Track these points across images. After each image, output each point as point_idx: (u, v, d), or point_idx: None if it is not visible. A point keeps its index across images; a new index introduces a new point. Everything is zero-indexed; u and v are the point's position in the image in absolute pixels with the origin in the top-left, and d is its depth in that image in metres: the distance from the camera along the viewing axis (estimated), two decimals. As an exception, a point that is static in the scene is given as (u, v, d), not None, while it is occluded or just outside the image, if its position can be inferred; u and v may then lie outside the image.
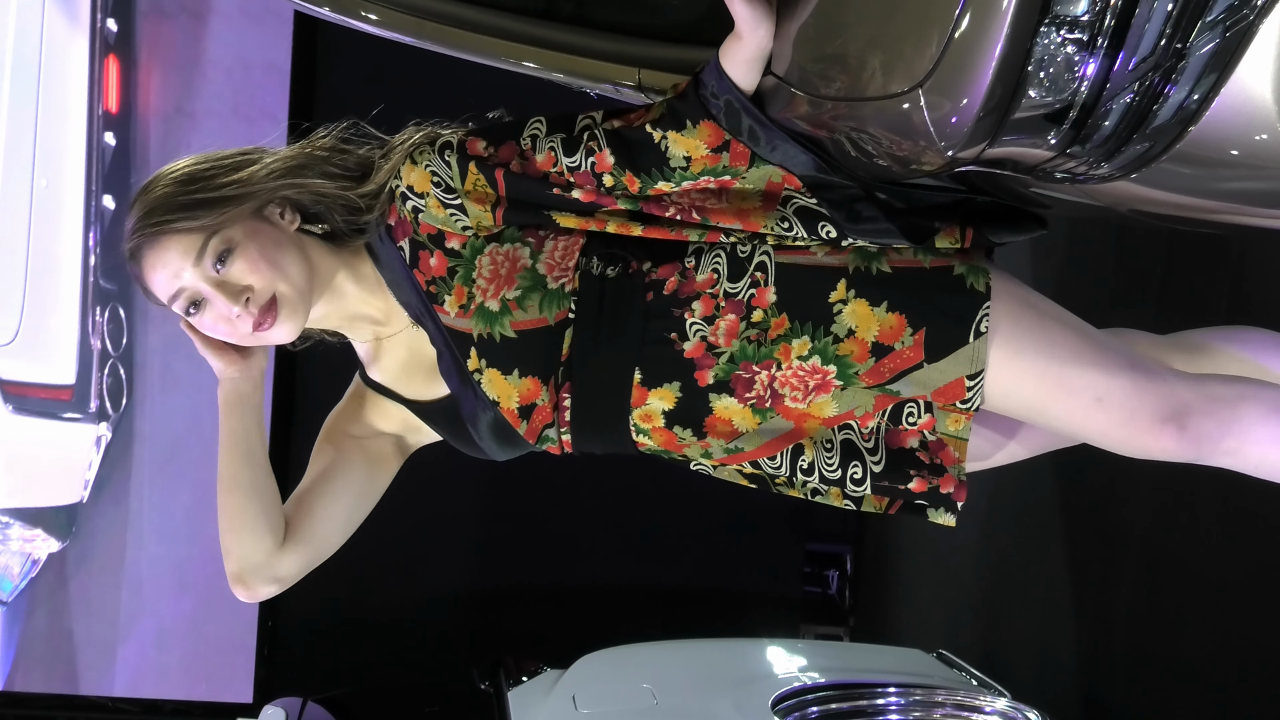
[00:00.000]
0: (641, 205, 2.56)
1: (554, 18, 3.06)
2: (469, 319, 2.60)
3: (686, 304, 2.57)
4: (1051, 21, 2.02)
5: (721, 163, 2.52)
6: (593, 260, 2.59)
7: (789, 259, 2.56)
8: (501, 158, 2.56)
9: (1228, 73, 2.03)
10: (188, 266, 2.54)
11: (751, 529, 7.26)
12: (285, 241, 2.59)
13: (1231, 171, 2.13)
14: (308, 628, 7.32)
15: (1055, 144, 2.12)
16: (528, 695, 4.82)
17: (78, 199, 6.91)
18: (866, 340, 2.55)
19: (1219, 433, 2.56)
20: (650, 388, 2.61)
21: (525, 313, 2.58)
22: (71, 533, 7.11)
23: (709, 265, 2.57)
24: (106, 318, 6.99)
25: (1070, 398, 2.55)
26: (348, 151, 2.68)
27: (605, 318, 2.58)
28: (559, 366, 2.61)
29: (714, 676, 4.77)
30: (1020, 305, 2.57)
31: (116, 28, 6.91)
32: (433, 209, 2.58)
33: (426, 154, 2.58)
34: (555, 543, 7.36)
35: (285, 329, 2.58)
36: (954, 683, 4.70)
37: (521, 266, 2.59)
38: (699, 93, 2.51)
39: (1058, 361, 2.54)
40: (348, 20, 3.27)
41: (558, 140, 2.56)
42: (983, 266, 2.55)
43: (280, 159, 2.62)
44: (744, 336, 2.57)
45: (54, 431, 7.07)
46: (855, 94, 2.26)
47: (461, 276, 2.60)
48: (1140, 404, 2.54)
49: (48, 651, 7.20)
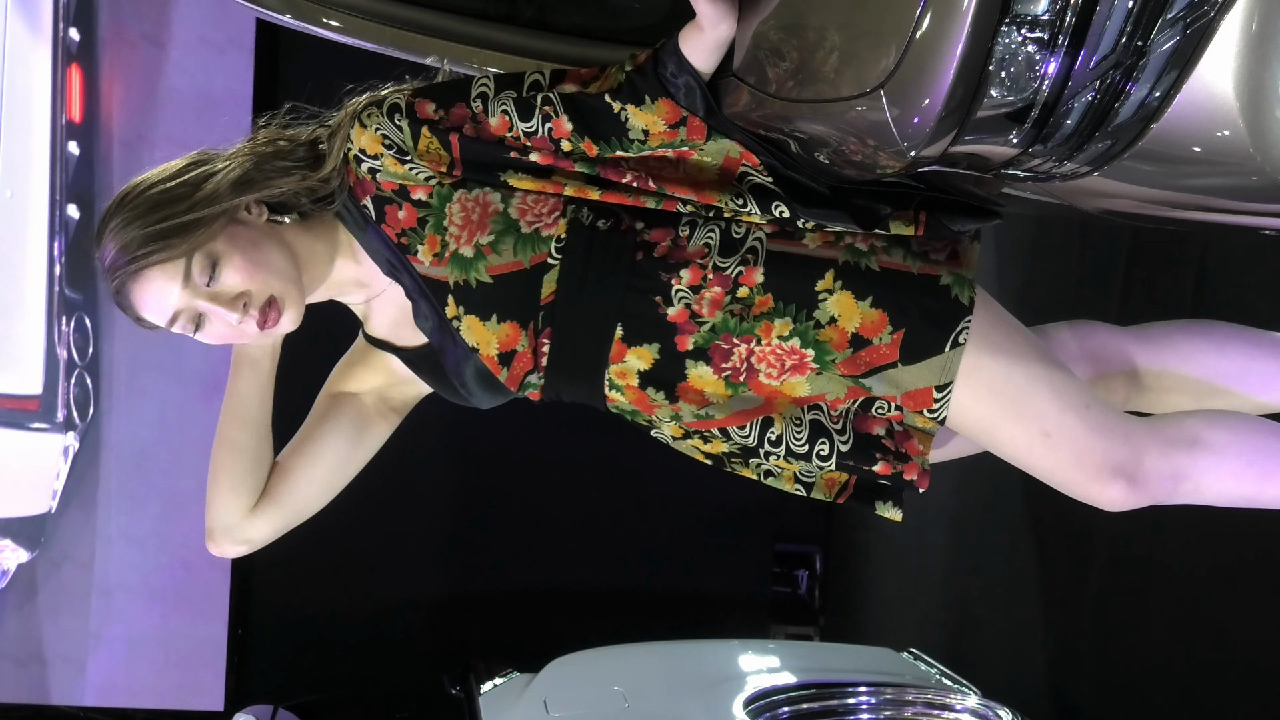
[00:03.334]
0: (599, 170, 2.56)
1: (516, 22, 3.06)
2: (443, 266, 2.61)
3: (675, 270, 2.57)
4: (1012, 21, 2.03)
5: (679, 137, 2.54)
6: (584, 209, 2.59)
7: (781, 247, 2.57)
8: (453, 120, 2.56)
9: (1189, 70, 2.04)
10: (177, 289, 2.53)
11: (720, 530, 7.26)
12: (263, 237, 2.59)
13: (1194, 168, 2.14)
14: (278, 635, 7.31)
15: (1017, 143, 2.13)
16: (498, 699, 4.82)
17: (42, 208, 6.88)
18: (847, 330, 2.56)
19: (1172, 482, 2.59)
20: (630, 345, 2.62)
21: (500, 257, 2.59)
22: (40, 543, 7.08)
23: (702, 238, 2.57)
24: (72, 327, 6.96)
25: (1018, 425, 2.56)
26: (295, 141, 2.67)
27: (591, 268, 2.59)
28: (538, 311, 2.62)
29: (685, 678, 4.77)
30: (992, 324, 2.58)
31: (79, 36, 6.89)
32: (390, 166, 2.58)
33: (375, 116, 2.57)
34: (524, 547, 7.35)
35: (289, 319, 2.59)
36: (924, 681, 4.71)
37: (493, 211, 2.59)
38: (658, 71, 2.52)
39: (1013, 385, 2.56)
40: (310, 28, 3.27)
41: (510, 103, 2.56)
42: (969, 278, 2.56)
43: (236, 164, 2.60)
44: (727, 309, 2.57)
45: (21, 442, 7.04)
46: (816, 95, 2.26)
47: (433, 225, 2.60)
48: (1089, 449, 2.56)
49: (17, 661, 7.17)
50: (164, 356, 6.94)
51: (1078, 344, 2.86)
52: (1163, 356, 2.84)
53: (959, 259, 2.59)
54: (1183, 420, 2.63)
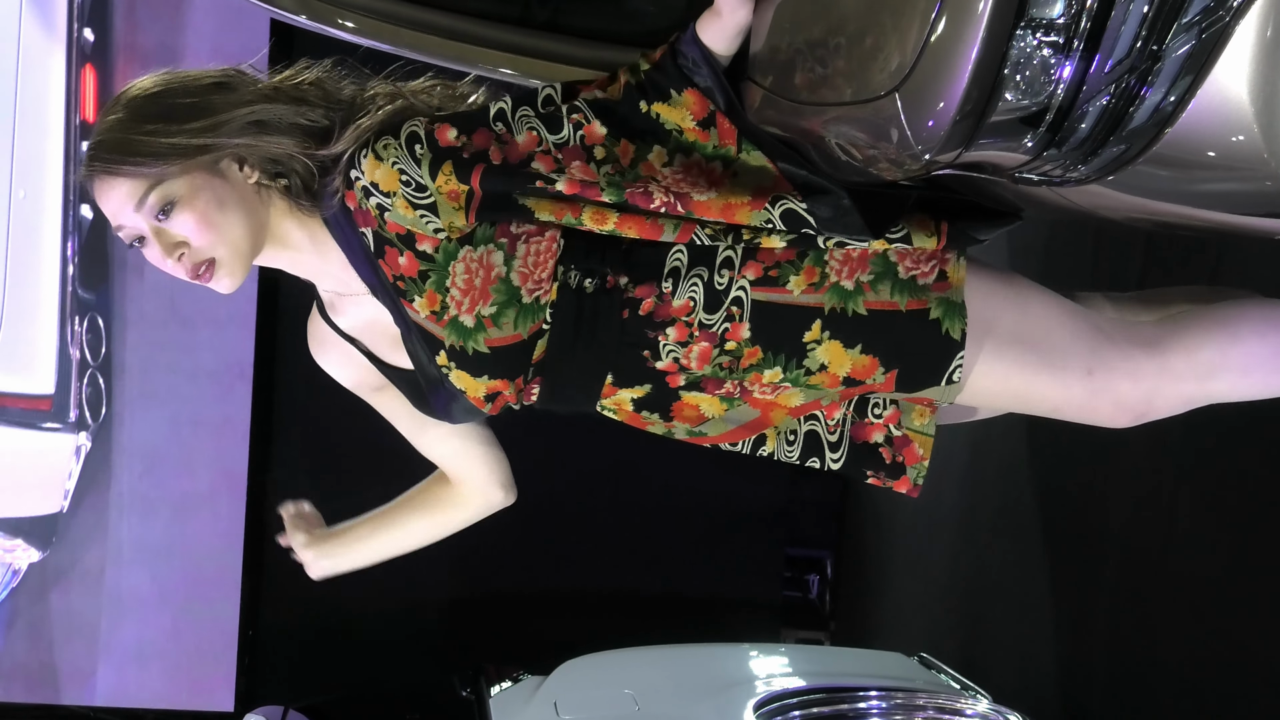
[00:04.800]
0: (627, 193, 2.46)
1: (530, 24, 3.05)
2: (442, 327, 2.55)
3: (661, 328, 2.55)
4: (1027, 25, 2.02)
5: (711, 142, 2.49)
6: (571, 271, 2.53)
7: (765, 295, 2.54)
8: (477, 145, 2.48)
9: (1203, 75, 2.04)
10: (129, 210, 2.49)
11: (732, 534, 7.25)
12: (231, 199, 2.51)
13: (1208, 173, 2.13)
14: (289, 636, 7.31)
15: (1032, 147, 2.12)
16: (509, 701, 4.82)
17: (56, 209, 6.88)
18: (839, 375, 2.56)
19: (1186, 407, 2.62)
20: (621, 388, 2.62)
21: (500, 330, 2.54)
22: (52, 543, 7.09)
23: (686, 291, 2.53)
24: (85, 327, 6.96)
25: (1054, 375, 2.59)
26: (331, 95, 2.60)
27: (582, 332, 2.56)
28: (529, 368, 2.60)
29: (696, 682, 4.77)
30: (998, 308, 2.58)
31: (93, 37, 6.89)
32: (400, 209, 2.48)
33: (392, 148, 2.47)
34: (535, 549, 7.34)
35: (224, 285, 2.54)
36: (935, 686, 4.71)
37: (496, 277, 2.51)
38: (677, 63, 2.49)
39: (1018, 380, 2.60)
40: (325, 28, 3.26)
41: (534, 117, 2.50)
42: (959, 302, 2.54)
43: (256, 108, 2.52)
44: (715, 362, 2.57)
45: (33, 442, 7.05)
46: (829, 98, 2.26)
47: (434, 282, 2.52)
48: (1095, 410, 2.60)
49: (28, 661, 7.18)
50: (177, 357, 6.95)
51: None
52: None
53: (947, 280, 2.56)
54: (1200, 342, 2.61)
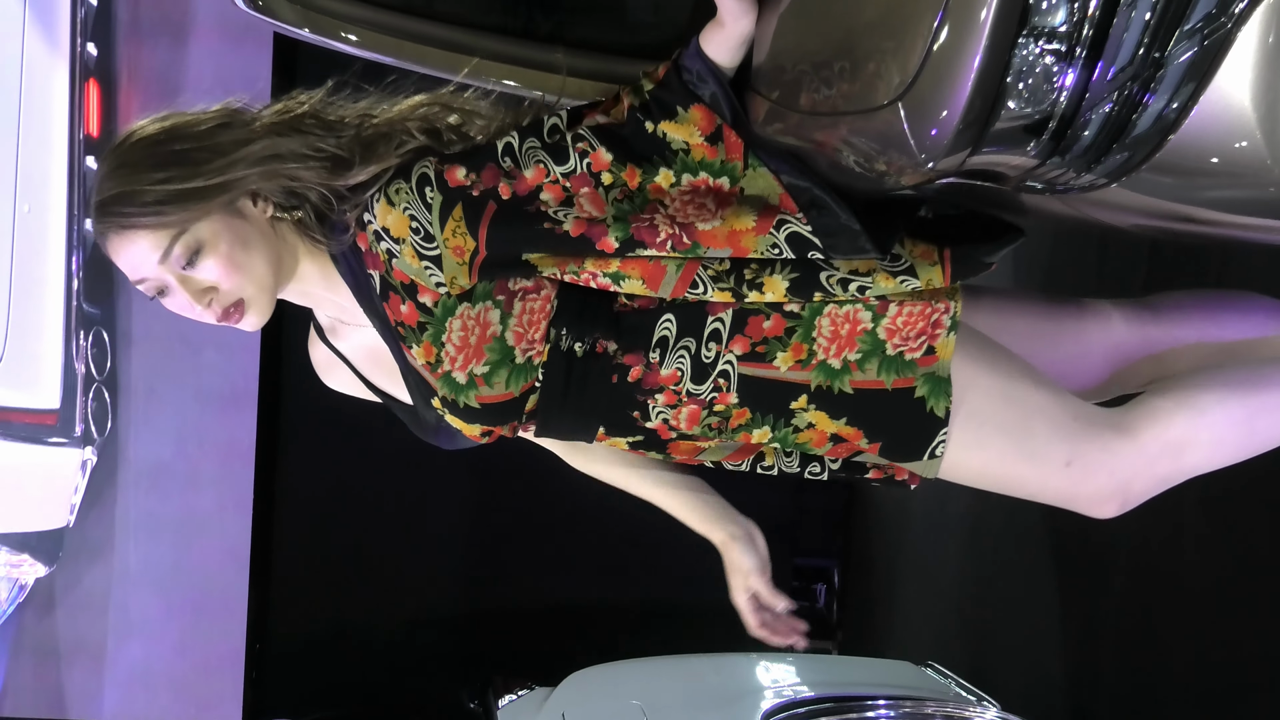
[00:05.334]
0: (633, 229, 2.45)
1: (532, 37, 3.06)
2: (436, 379, 2.56)
3: (650, 394, 2.56)
4: (1030, 33, 2.02)
5: (719, 156, 2.46)
6: (563, 334, 2.53)
7: (752, 370, 2.54)
8: (486, 182, 2.47)
9: (1206, 81, 2.04)
10: (154, 260, 2.46)
11: (739, 544, 7.24)
12: (253, 236, 2.50)
13: (1211, 180, 2.13)
14: (296, 650, 7.31)
15: (1035, 155, 2.12)
16: (517, 714, 4.82)
17: (60, 224, 6.89)
18: (826, 433, 2.57)
19: (1163, 486, 2.64)
20: (612, 436, 2.64)
21: (491, 389, 2.54)
22: (59, 557, 7.09)
23: (673, 362, 2.53)
24: (90, 342, 6.97)
25: (1035, 467, 2.61)
26: (337, 123, 2.58)
27: (571, 393, 2.56)
28: (522, 416, 2.61)
29: (704, 692, 4.77)
30: (982, 397, 2.58)
31: (96, 51, 6.90)
32: (407, 258, 2.48)
33: (404, 194, 2.48)
34: (542, 561, 7.34)
35: (250, 323, 2.53)
36: (943, 694, 4.71)
37: (491, 335, 2.51)
38: (682, 78, 2.47)
39: (998, 466, 2.62)
40: (328, 41, 3.27)
41: (541, 152, 2.49)
42: (945, 377, 2.54)
43: (264, 141, 2.50)
44: (705, 423, 2.58)
45: (39, 456, 7.05)
46: (833, 107, 2.26)
47: (431, 335, 2.52)
48: (1074, 496, 2.64)
49: (36, 676, 7.18)
50: (182, 372, 6.95)
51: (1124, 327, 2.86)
52: (1183, 334, 2.84)
53: (935, 355, 2.54)
54: (1167, 421, 2.61)
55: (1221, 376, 2.64)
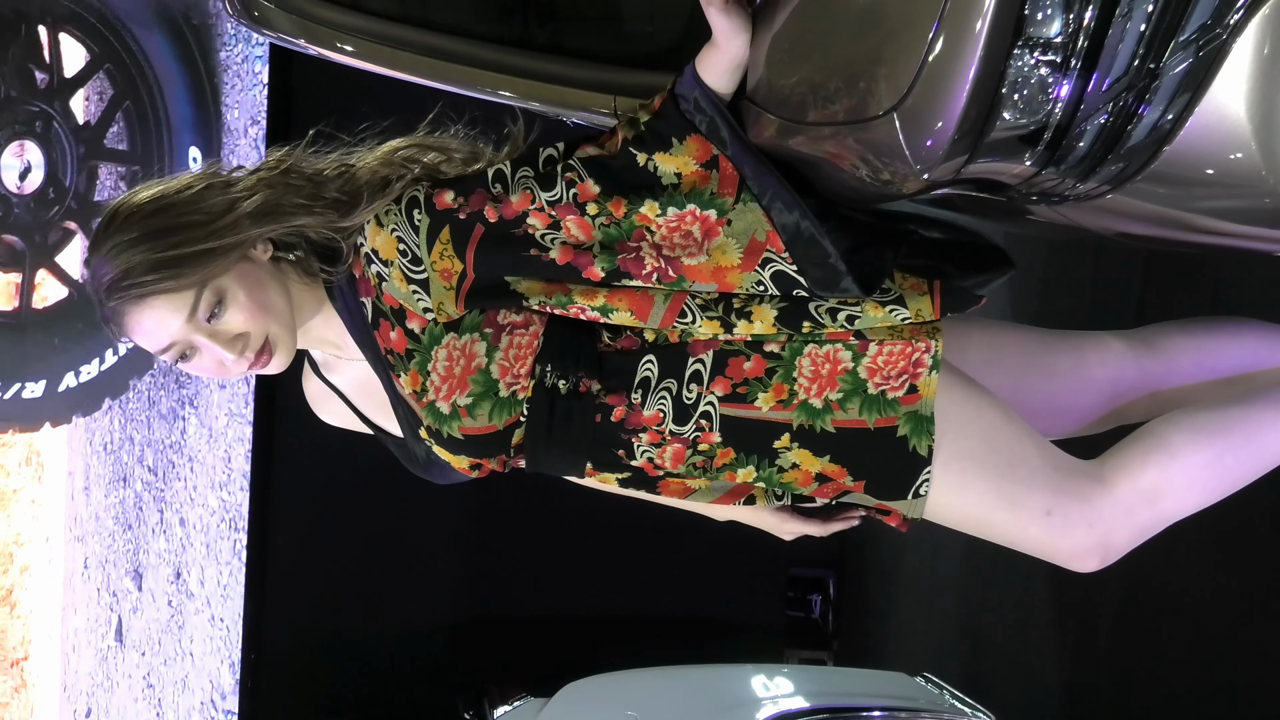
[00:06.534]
0: (619, 260, 2.47)
1: (529, 46, 3.05)
2: (421, 408, 2.58)
3: (634, 433, 2.57)
4: (1025, 43, 2.03)
5: (711, 185, 2.45)
6: (548, 371, 2.54)
7: (734, 411, 2.55)
8: (473, 205, 2.49)
9: (1201, 92, 2.04)
10: (179, 321, 2.47)
11: (734, 554, 7.24)
12: (264, 277, 2.54)
13: (1206, 190, 2.14)
14: (291, 660, 7.30)
15: (1030, 165, 2.13)
16: (512, 724, 4.82)
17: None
18: (811, 473, 2.59)
19: (1144, 536, 2.64)
20: (600, 472, 2.64)
21: (475, 420, 2.56)
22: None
23: (655, 404, 2.55)
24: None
25: (1015, 513, 2.61)
26: (318, 175, 2.60)
27: (555, 430, 2.58)
28: (509, 450, 2.63)
29: (699, 703, 4.77)
30: (964, 440, 2.58)
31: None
32: (396, 281, 2.51)
33: (393, 215, 2.51)
34: (537, 571, 7.34)
35: (278, 364, 2.56)
36: (939, 705, 4.71)
37: (476, 367, 2.54)
38: (679, 108, 2.46)
39: (979, 512, 2.63)
40: (323, 52, 3.27)
41: (529, 178, 2.50)
42: (928, 416, 2.54)
43: (258, 193, 2.53)
44: (690, 462, 2.59)
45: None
46: (828, 118, 2.26)
47: (417, 364, 2.55)
48: (1055, 550, 2.64)
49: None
50: (178, 390, 6.96)
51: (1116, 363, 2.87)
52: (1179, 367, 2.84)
53: (917, 393, 2.54)
54: (1140, 468, 2.60)
55: (1190, 418, 2.63)
